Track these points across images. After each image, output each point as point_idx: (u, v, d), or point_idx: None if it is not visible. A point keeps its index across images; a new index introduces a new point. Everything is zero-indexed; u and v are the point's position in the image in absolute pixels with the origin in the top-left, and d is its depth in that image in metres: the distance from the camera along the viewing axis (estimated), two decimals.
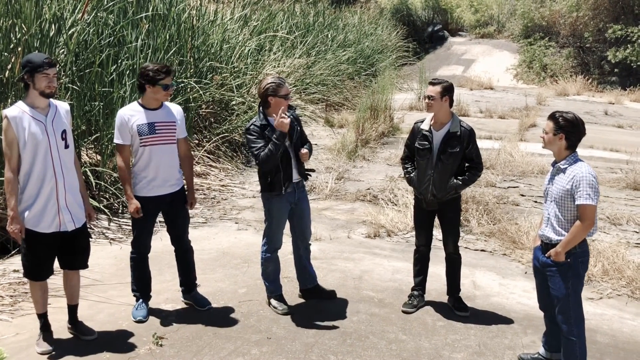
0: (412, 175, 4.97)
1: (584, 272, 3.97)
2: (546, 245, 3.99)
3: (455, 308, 5.04)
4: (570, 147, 3.92)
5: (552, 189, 3.97)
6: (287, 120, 4.55)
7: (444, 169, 4.77)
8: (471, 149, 4.81)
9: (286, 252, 5.27)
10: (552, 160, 4.09)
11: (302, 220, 4.93)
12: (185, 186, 4.85)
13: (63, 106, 4.19)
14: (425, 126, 4.86)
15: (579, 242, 3.85)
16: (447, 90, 4.74)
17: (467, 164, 4.88)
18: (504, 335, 4.73)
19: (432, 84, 4.80)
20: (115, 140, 4.59)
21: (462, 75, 22.87)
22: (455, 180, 4.80)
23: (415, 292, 5.14)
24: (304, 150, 4.73)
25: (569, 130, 3.89)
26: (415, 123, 5.02)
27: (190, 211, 4.93)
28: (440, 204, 4.87)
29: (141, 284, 4.80)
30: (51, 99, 4.06)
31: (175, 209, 4.75)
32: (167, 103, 4.73)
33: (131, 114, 4.55)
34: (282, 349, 4.38)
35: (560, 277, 3.90)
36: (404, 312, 5.00)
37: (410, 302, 5.09)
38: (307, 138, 4.99)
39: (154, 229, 4.96)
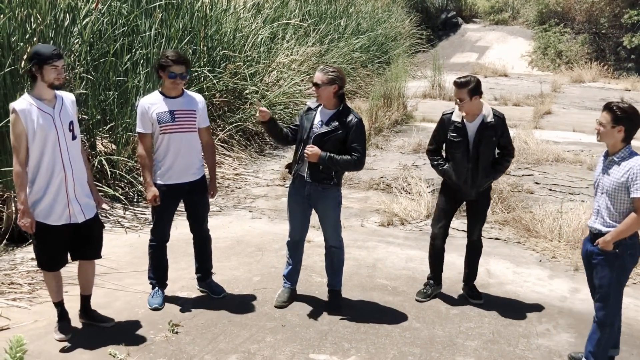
0: (446, 167, 4.83)
1: (631, 266, 3.91)
2: (594, 236, 3.92)
3: (469, 296, 5.04)
4: (626, 139, 3.82)
5: (604, 181, 3.87)
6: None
7: (481, 160, 4.70)
8: (504, 135, 4.77)
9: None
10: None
11: (321, 221, 4.82)
12: (207, 175, 4.89)
13: (69, 97, 4.17)
14: (457, 118, 4.74)
15: (631, 234, 3.79)
16: (476, 90, 4.59)
17: (498, 151, 4.85)
18: (518, 323, 4.73)
19: (457, 85, 4.60)
20: (137, 129, 4.67)
21: (476, 62, 22.71)
22: (492, 169, 4.79)
23: (431, 282, 5.13)
24: (312, 148, 4.50)
25: (627, 122, 3.78)
26: (443, 114, 4.89)
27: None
28: (478, 193, 4.83)
29: (158, 272, 4.85)
30: (57, 90, 4.04)
31: (195, 198, 4.79)
32: (189, 92, 4.78)
33: (152, 103, 4.61)
34: (296, 337, 4.41)
35: (606, 265, 3.85)
36: (417, 301, 5.01)
37: (424, 291, 5.09)
38: (358, 150, 4.53)
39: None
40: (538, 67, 22.57)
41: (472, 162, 4.71)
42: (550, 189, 8.26)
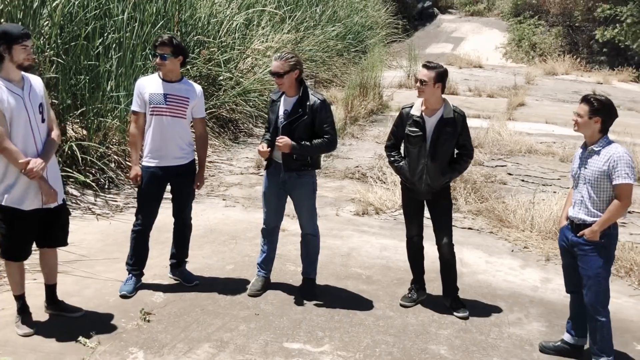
0: (401, 164, 4.65)
1: (614, 253, 4.00)
2: (578, 226, 3.96)
3: (452, 309, 4.73)
4: (603, 130, 3.90)
5: (585, 171, 3.93)
6: (262, 148, 4.63)
7: (438, 157, 4.51)
8: (464, 134, 4.58)
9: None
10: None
11: (297, 208, 4.81)
12: (197, 165, 4.89)
13: (36, 79, 4.05)
14: (416, 112, 4.55)
15: (614, 222, 3.87)
16: (441, 77, 4.43)
17: (457, 151, 4.65)
18: (490, 312, 4.77)
19: (425, 67, 4.47)
20: (132, 107, 4.74)
21: (451, 53, 22.81)
22: (448, 168, 4.58)
23: (416, 286, 4.88)
24: (282, 139, 4.50)
25: (604, 114, 3.87)
26: (402, 108, 4.71)
27: None
28: (433, 193, 4.63)
29: (136, 258, 4.78)
30: (22, 72, 3.90)
31: (180, 184, 4.77)
32: (190, 81, 4.81)
33: (148, 83, 4.66)
34: (269, 325, 4.38)
35: (593, 257, 3.89)
36: (402, 305, 4.77)
37: (409, 295, 4.85)
38: (327, 131, 4.56)
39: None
40: (512, 59, 22.77)
41: (428, 158, 4.51)
42: (523, 180, 8.34)
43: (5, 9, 6.14)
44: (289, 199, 4.81)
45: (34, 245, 4.15)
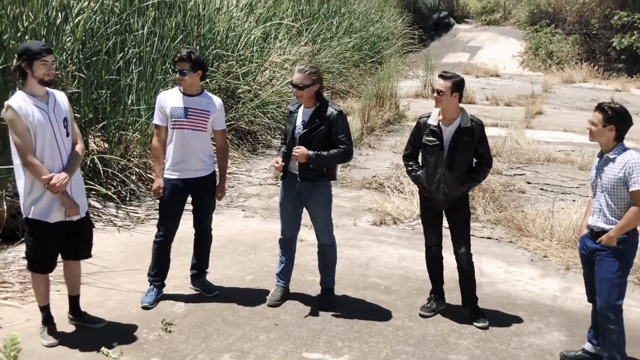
0: (419, 173, 4.68)
1: (632, 260, 3.98)
2: (597, 234, 3.96)
3: (472, 318, 4.72)
4: (618, 137, 3.90)
5: (602, 179, 3.93)
6: (276, 164, 4.68)
7: (456, 166, 4.51)
8: (482, 143, 4.59)
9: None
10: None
11: (312, 219, 4.86)
12: (217, 176, 4.95)
13: (60, 94, 4.15)
14: (433, 121, 4.57)
15: (632, 229, 3.86)
16: (458, 86, 4.45)
17: (475, 160, 4.66)
18: (510, 322, 4.76)
19: (442, 77, 4.49)
20: (154, 121, 4.82)
21: (468, 63, 22.78)
22: (466, 178, 4.58)
23: (435, 296, 4.89)
24: (299, 149, 4.55)
25: (618, 122, 3.88)
26: (420, 118, 4.75)
27: None
28: (451, 202, 4.64)
29: (157, 269, 4.84)
30: (47, 88, 4.00)
31: (201, 194, 4.84)
32: (210, 94, 4.89)
33: (169, 97, 4.73)
34: (289, 335, 4.41)
35: (609, 261, 3.89)
36: (421, 315, 4.78)
37: (428, 305, 4.86)
38: (343, 141, 4.60)
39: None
40: (529, 67, 22.68)
41: (446, 167, 4.51)
42: (542, 189, 8.30)
43: (30, 26, 6.29)
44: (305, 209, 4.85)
45: (58, 257, 4.23)
